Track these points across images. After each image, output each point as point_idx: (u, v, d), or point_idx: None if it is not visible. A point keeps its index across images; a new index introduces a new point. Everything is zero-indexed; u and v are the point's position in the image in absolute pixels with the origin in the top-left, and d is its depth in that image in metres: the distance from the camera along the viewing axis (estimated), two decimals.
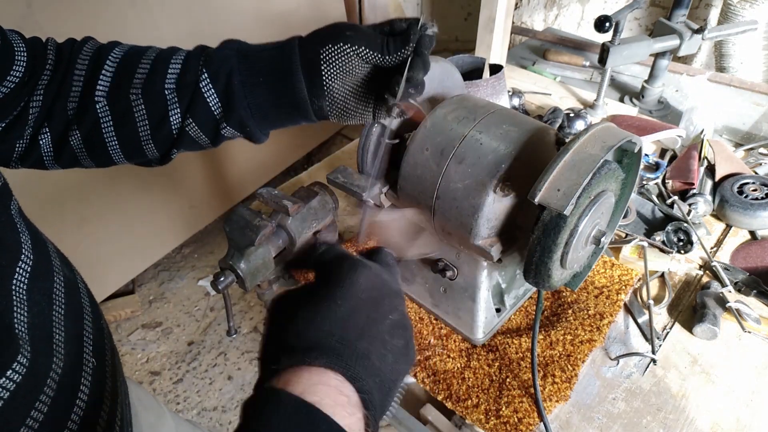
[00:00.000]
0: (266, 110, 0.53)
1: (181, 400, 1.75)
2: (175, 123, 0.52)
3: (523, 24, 2.68)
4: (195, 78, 0.50)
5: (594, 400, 0.70)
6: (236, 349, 1.91)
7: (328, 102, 0.52)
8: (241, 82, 0.51)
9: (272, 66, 0.51)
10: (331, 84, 0.51)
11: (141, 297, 2.07)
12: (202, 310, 2.04)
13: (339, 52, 0.50)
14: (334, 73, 0.51)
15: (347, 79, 0.52)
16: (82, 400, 0.41)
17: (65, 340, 0.41)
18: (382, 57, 0.51)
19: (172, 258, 2.23)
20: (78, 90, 0.51)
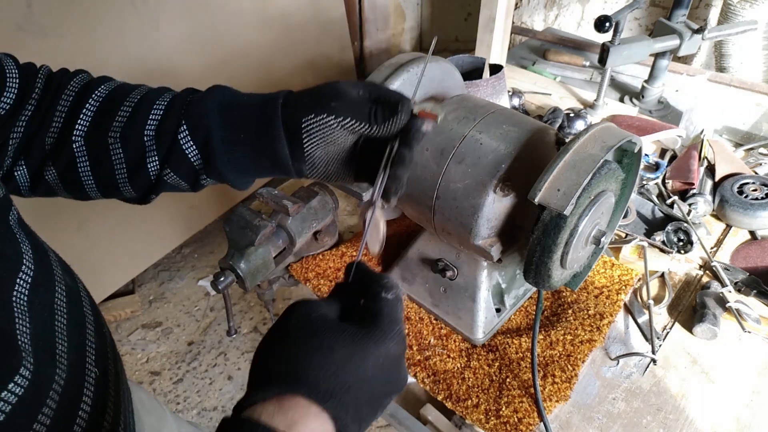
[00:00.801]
0: (246, 166, 0.51)
1: (181, 400, 1.75)
2: (152, 170, 0.51)
3: (523, 24, 2.68)
4: (174, 129, 0.49)
5: (594, 400, 0.70)
6: (236, 349, 1.91)
7: (308, 167, 0.51)
8: (221, 138, 0.49)
9: (253, 125, 0.50)
10: (312, 152, 0.50)
11: (141, 297, 2.07)
12: (202, 310, 2.04)
13: (321, 123, 0.48)
14: (316, 143, 0.49)
15: (329, 148, 0.51)
16: (84, 411, 0.41)
17: (68, 350, 0.41)
18: (368, 128, 0.49)
19: (172, 258, 2.23)
20: (58, 126, 0.50)
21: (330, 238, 0.90)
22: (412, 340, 0.77)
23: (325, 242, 0.89)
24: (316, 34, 2.36)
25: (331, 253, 0.89)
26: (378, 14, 2.80)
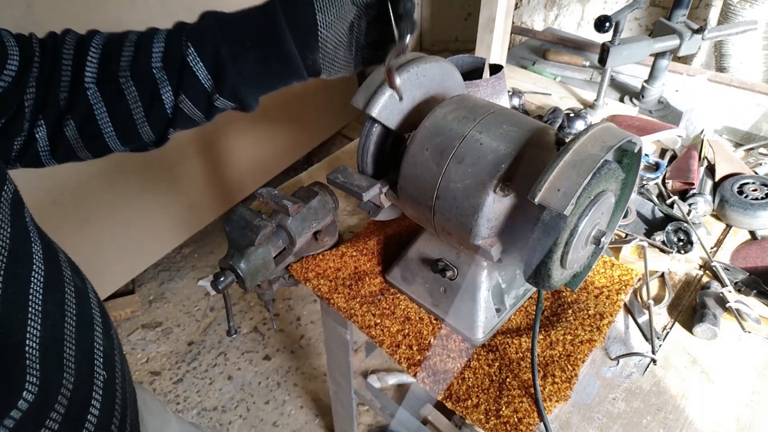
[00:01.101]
0: (257, 74, 0.52)
1: (181, 400, 1.75)
2: (167, 101, 0.52)
3: (523, 24, 2.68)
4: (181, 53, 0.50)
5: (594, 400, 0.70)
6: (236, 349, 1.91)
7: (321, 54, 0.53)
8: (229, 51, 0.50)
9: (257, 28, 0.51)
10: (325, 34, 0.52)
11: (141, 297, 2.07)
12: (202, 310, 2.04)
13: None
14: (329, 20, 0.51)
15: (339, 26, 0.52)
16: (93, 414, 0.41)
17: (75, 353, 0.41)
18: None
19: (172, 258, 2.23)
20: (67, 79, 0.51)
21: (330, 238, 0.90)
22: (412, 340, 0.77)
23: (325, 242, 0.89)
24: None
25: (331, 253, 0.89)
26: None
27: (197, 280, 2.14)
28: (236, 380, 1.81)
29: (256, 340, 1.93)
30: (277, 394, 1.78)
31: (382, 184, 0.71)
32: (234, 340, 1.92)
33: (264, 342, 1.93)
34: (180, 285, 2.13)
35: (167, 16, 1.86)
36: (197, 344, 1.92)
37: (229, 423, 1.70)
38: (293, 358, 1.88)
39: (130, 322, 1.99)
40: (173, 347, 1.91)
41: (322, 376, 1.82)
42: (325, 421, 1.70)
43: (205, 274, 2.17)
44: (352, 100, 0.69)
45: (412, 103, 0.70)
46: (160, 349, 1.91)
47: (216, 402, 1.75)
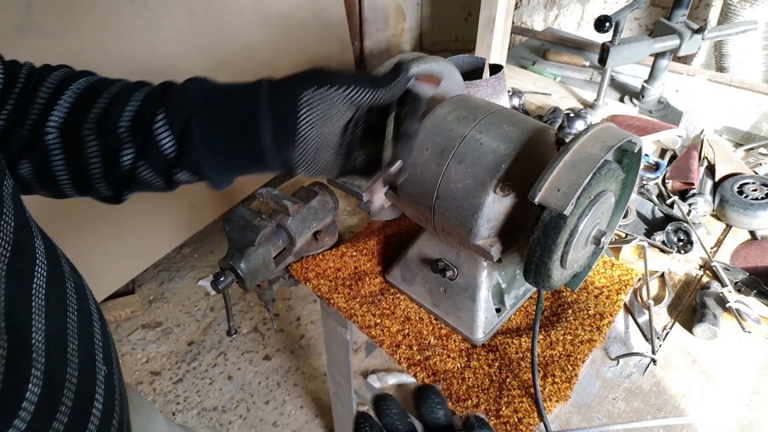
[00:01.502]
0: (224, 157, 0.48)
1: (181, 400, 1.75)
2: (126, 164, 0.48)
3: (523, 24, 2.68)
4: (150, 118, 0.47)
5: (594, 400, 0.70)
6: (236, 349, 1.91)
7: (298, 153, 0.48)
8: (199, 127, 0.46)
9: (234, 111, 0.47)
10: (307, 133, 0.47)
11: (141, 297, 2.07)
12: (202, 310, 2.04)
13: (324, 96, 0.46)
14: (313, 121, 0.46)
15: (325, 129, 0.48)
16: (97, 408, 0.41)
17: (78, 348, 0.40)
18: (372, 93, 0.47)
19: (172, 258, 2.23)
20: (34, 118, 0.48)
21: (330, 238, 0.90)
22: (412, 340, 0.77)
23: (325, 242, 0.89)
24: (316, 34, 2.36)
25: (331, 253, 0.89)
26: (378, 14, 2.80)
27: (197, 280, 2.14)
28: (236, 380, 1.81)
29: (256, 340, 1.93)
30: (277, 394, 1.78)
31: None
32: (234, 340, 1.93)
33: (264, 342, 1.93)
34: (180, 285, 2.13)
35: (167, 16, 1.87)
36: (197, 344, 1.92)
37: (229, 423, 1.70)
38: (293, 358, 1.88)
39: (130, 322, 1.99)
40: (173, 347, 1.91)
41: (322, 376, 1.82)
42: (325, 421, 1.70)
43: (205, 274, 2.17)
44: None
45: None
46: (160, 349, 1.91)
47: (216, 402, 1.75)
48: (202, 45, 1.87)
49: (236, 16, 1.97)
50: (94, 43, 1.56)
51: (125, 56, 1.65)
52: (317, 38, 2.36)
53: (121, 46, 1.63)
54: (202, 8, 1.83)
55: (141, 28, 1.67)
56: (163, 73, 1.91)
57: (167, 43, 1.76)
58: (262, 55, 2.11)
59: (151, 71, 1.72)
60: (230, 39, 1.97)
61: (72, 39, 1.50)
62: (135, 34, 1.66)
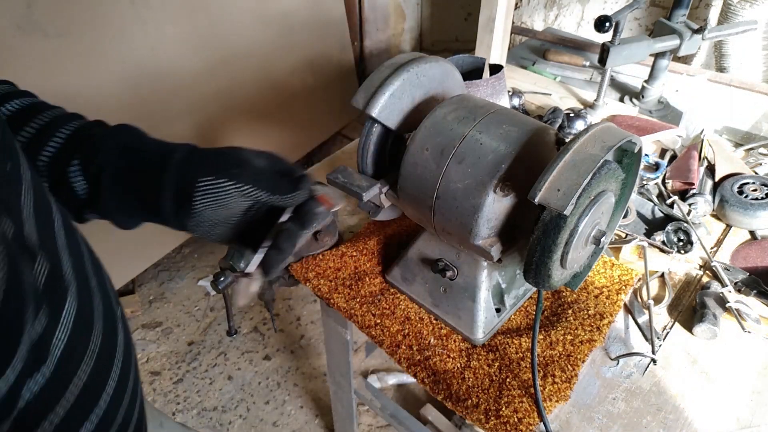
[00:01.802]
0: (131, 212, 0.52)
1: (181, 400, 1.75)
2: None
3: (523, 24, 2.68)
4: (67, 161, 0.49)
5: (594, 400, 0.70)
6: (236, 349, 1.91)
7: (192, 223, 0.52)
8: (111, 181, 0.50)
9: (145, 175, 0.50)
10: (201, 211, 0.51)
11: (141, 297, 2.07)
12: (202, 310, 2.04)
13: (219, 186, 0.49)
14: (208, 204, 0.50)
15: (220, 211, 0.52)
16: (121, 339, 0.43)
17: (97, 286, 0.42)
18: (268, 197, 0.51)
19: (172, 258, 2.23)
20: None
21: (330, 238, 0.90)
22: (412, 340, 0.77)
23: (325, 242, 0.89)
24: (316, 34, 2.36)
25: (331, 253, 0.89)
26: (378, 14, 2.80)
27: (197, 280, 2.14)
28: (236, 380, 1.81)
29: (256, 340, 1.93)
30: (277, 394, 1.78)
31: (382, 184, 0.71)
32: (234, 340, 1.92)
33: (264, 342, 1.93)
34: (180, 285, 2.13)
35: (167, 16, 1.87)
36: (197, 344, 1.92)
37: (229, 423, 1.70)
38: (293, 358, 1.88)
39: (130, 322, 1.99)
40: (173, 347, 1.91)
41: (322, 376, 1.82)
42: (325, 421, 1.70)
43: (205, 274, 2.17)
44: (352, 100, 0.69)
45: (412, 103, 0.70)
46: (160, 349, 1.91)
47: (216, 402, 1.75)
48: (202, 45, 1.87)
49: (236, 16, 1.97)
50: (94, 43, 1.56)
51: (125, 56, 1.65)
52: (317, 38, 2.36)
53: (121, 46, 1.63)
54: (202, 8, 1.83)
55: (141, 28, 1.67)
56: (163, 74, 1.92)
57: (167, 43, 1.76)
58: (262, 55, 2.11)
59: (151, 71, 1.72)
60: (230, 39, 1.97)
61: (72, 39, 1.50)
62: (135, 34, 1.66)
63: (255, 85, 2.07)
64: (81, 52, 1.53)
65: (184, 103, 1.82)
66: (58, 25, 1.45)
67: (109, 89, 1.62)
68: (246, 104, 2.06)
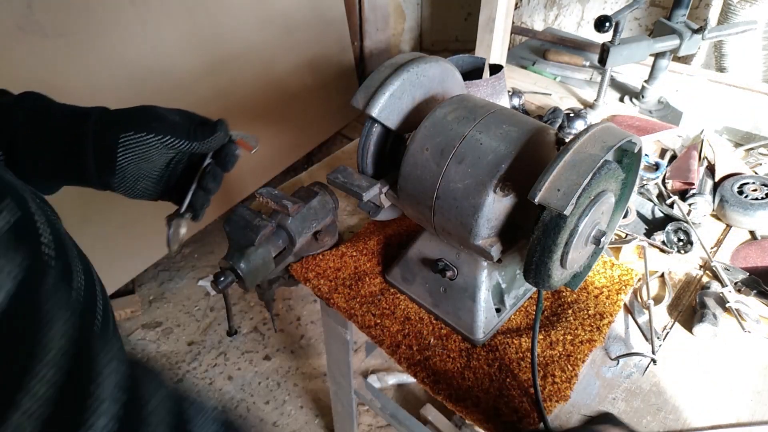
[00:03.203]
0: (50, 175, 0.53)
1: None
2: None
3: (523, 24, 2.68)
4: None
5: (594, 400, 0.70)
6: (236, 349, 1.91)
7: (117, 180, 0.53)
8: (26, 144, 0.50)
9: (62, 138, 0.51)
10: (125, 167, 0.52)
11: (141, 297, 2.07)
12: (202, 310, 2.04)
13: (140, 141, 0.51)
14: (130, 159, 0.52)
15: (143, 165, 0.53)
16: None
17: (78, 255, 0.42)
18: (189, 145, 0.52)
19: (172, 258, 2.23)
20: None
21: (330, 238, 0.90)
22: (412, 340, 0.77)
23: (325, 242, 0.89)
24: (316, 34, 2.36)
25: (331, 253, 0.89)
26: (378, 14, 2.80)
27: (197, 280, 2.14)
28: (236, 380, 1.81)
29: (256, 340, 1.93)
30: (277, 394, 1.78)
31: (382, 184, 0.71)
32: (234, 340, 1.92)
33: (264, 342, 1.93)
34: (180, 285, 2.13)
35: (167, 16, 1.87)
36: (197, 344, 1.92)
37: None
38: (293, 358, 1.88)
39: (130, 322, 1.99)
40: (173, 347, 1.91)
41: (322, 376, 1.82)
42: (325, 421, 1.70)
43: (205, 274, 2.17)
44: (352, 100, 0.69)
45: (412, 103, 0.70)
46: (160, 349, 1.91)
47: (216, 402, 1.75)
48: (202, 45, 1.87)
49: (236, 16, 1.97)
50: (94, 43, 1.56)
51: (125, 56, 1.65)
52: (317, 38, 2.36)
53: (121, 46, 1.63)
54: (202, 8, 1.83)
55: (141, 28, 1.67)
56: (163, 73, 1.92)
57: (167, 43, 1.76)
58: (262, 55, 2.11)
59: (151, 71, 1.72)
60: (230, 39, 1.97)
61: (72, 39, 1.50)
62: (135, 34, 1.66)
63: (255, 85, 2.07)
64: (81, 52, 1.53)
65: (184, 103, 1.81)
66: (58, 25, 1.45)
67: (109, 89, 1.62)
68: (246, 104, 2.06)
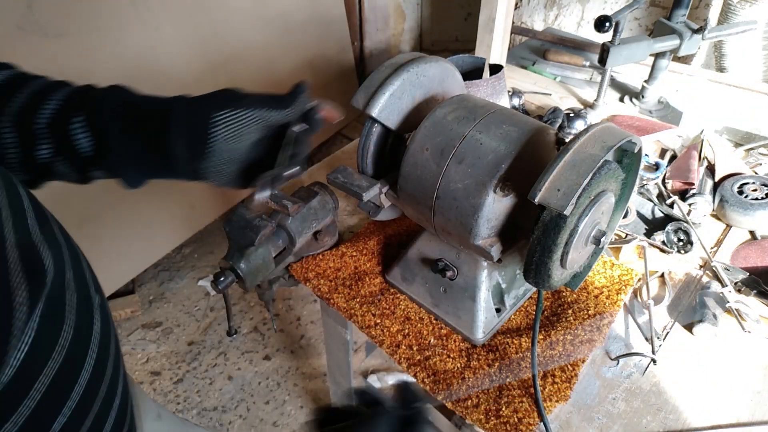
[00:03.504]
0: (139, 163, 0.52)
1: (181, 400, 1.75)
2: (43, 157, 0.51)
3: (523, 24, 2.68)
4: (69, 119, 0.50)
5: (594, 400, 0.70)
6: (236, 349, 1.91)
7: (209, 164, 0.52)
8: (118, 132, 0.50)
9: (151, 123, 0.51)
10: (218, 147, 0.51)
11: (141, 297, 2.07)
12: (202, 310, 2.04)
13: (234, 118, 0.51)
14: (224, 137, 0.51)
15: (234, 145, 0.53)
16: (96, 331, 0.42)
17: (73, 277, 0.41)
18: (279, 113, 0.53)
19: (172, 258, 2.23)
20: None
21: (330, 238, 0.90)
22: (412, 340, 0.77)
23: (325, 242, 0.89)
24: (316, 34, 2.36)
25: (331, 253, 0.89)
26: (378, 14, 2.80)
27: (197, 280, 2.14)
28: (236, 380, 1.81)
29: (256, 340, 1.93)
30: (277, 394, 1.78)
31: (382, 184, 0.71)
32: (234, 340, 1.92)
33: (264, 342, 1.93)
34: (180, 285, 2.13)
35: (167, 16, 1.87)
36: (197, 344, 1.92)
37: (229, 423, 1.70)
38: (293, 358, 1.88)
39: (130, 322, 1.99)
40: (173, 347, 1.91)
41: (322, 376, 1.82)
42: None
43: (205, 274, 2.17)
44: (352, 100, 0.69)
45: (412, 103, 0.70)
46: (160, 349, 1.91)
47: (216, 402, 1.75)
48: (202, 45, 1.87)
49: (236, 16, 1.97)
50: (94, 43, 1.56)
51: (125, 56, 1.65)
52: (317, 38, 2.36)
53: (121, 46, 1.63)
54: (202, 8, 1.83)
55: (141, 28, 1.67)
56: (163, 73, 1.92)
57: (167, 43, 1.76)
58: (262, 55, 2.11)
59: (151, 71, 1.72)
60: (230, 39, 1.97)
61: (72, 39, 1.50)
62: (135, 34, 1.66)
63: (255, 85, 2.07)
64: (81, 52, 1.53)
65: None
66: (58, 25, 1.45)
67: None
68: None
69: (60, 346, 0.37)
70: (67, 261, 0.41)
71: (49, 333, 0.36)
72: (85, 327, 0.41)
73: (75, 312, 0.40)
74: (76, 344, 0.39)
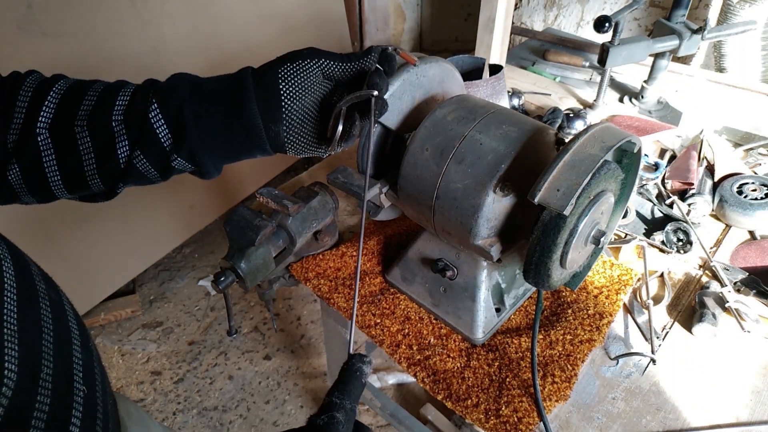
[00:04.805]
0: (218, 140, 0.52)
1: (181, 400, 1.75)
2: (122, 155, 0.50)
3: (523, 24, 2.68)
4: (144, 109, 0.49)
5: (594, 400, 0.70)
6: (237, 348, 1.91)
7: (285, 126, 0.52)
8: (193, 112, 0.50)
9: (224, 94, 0.51)
10: (290, 105, 0.51)
11: (141, 297, 2.07)
12: (202, 310, 2.04)
13: (299, 68, 0.51)
14: (294, 91, 0.51)
15: (306, 99, 0.52)
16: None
17: (53, 371, 0.38)
18: (343, 65, 0.52)
19: (173, 258, 2.23)
20: (19, 122, 0.49)
21: (330, 238, 0.90)
22: (412, 340, 0.77)
23: (325, 242, 0.89)
24: (316, 34, 2.36)
25: (331, 253, 0.89)
26: (378, 14, 2.80)
27: (198, 280, 2.15)
28: (236, 380, 1.81)
29: (256, 340, 1.93)
30: (277, 393, 1.78)
31: (382, 184, 0.71)
32: (234, 340, 1.93)
33: (264, 342, 1.93)
34: (180, 285, 2.14)
35: (167, 16, 1.87)
36: (198, 344, 1.92)
37: (229, 423, 1.70)
38: (293, 357, 1.88)
39: (130, 322, 1.99)
40: (174, 347, 1.91)
41: (322, 376, 1.82)
42: None
43: (206, 274, 2.17)
44: None
45: (412, 103, 0.70)
46: (161, 349, 1.91)
47: (216, 402, 1.75)
48: (202, 45, 1.87)
49: (236, 16, 1.97)
50: (94, 43, 1.56)
51: (125, 56, 1.65)
52: (317, 38, 2.36)
53: (121, 46, 1.63)
54: (202, 8, 1.83)
55: (141, 28, 1.67)
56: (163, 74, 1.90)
57: (167, 43, 1.76)
58: (262, 55, 2.10)
59: (151, 71, 1.72)
60: (230, 39, 1.97)
61: (72, 39, 1.50)
62: (135, 34, 1.66)
63: None
64: (81, 52, 1.53)
65: None
66: (58, 25, 1.45)
67: None
68: None
69: None
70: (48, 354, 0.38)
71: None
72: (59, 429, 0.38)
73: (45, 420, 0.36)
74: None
